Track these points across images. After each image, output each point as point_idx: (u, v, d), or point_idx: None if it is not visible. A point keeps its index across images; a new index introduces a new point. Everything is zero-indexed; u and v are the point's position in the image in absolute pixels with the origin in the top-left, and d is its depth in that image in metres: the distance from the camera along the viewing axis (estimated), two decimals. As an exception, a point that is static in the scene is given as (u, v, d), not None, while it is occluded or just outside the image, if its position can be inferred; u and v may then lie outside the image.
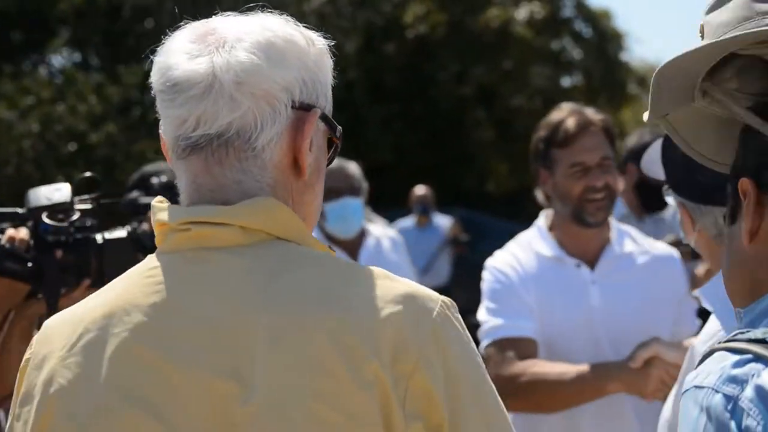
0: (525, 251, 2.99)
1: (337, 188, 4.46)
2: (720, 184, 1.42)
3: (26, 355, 1.42)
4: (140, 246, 2.88)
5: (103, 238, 2.84)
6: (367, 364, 1.26)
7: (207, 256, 1.35)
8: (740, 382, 1.18)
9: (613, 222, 3.09)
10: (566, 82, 19.88)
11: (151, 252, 2.80)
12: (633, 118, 21.78)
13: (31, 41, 18.20)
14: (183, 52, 1.37)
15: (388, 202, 16.97)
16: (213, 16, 1.44)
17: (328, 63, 1.46)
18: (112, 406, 1.31)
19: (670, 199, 2.28)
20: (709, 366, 1.24)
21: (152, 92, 1.41)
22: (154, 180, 3.16)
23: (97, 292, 1.43)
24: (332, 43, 1.47)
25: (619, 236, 3.05)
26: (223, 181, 1.36)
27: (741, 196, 1.32)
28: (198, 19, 1.44)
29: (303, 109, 1.38)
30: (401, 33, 17.35)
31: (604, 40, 18.98)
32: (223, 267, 1.34)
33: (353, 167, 4.72)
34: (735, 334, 1.26)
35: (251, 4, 1.47)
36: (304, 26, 1.45)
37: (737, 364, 1.20)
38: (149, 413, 1.30)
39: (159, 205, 1.41)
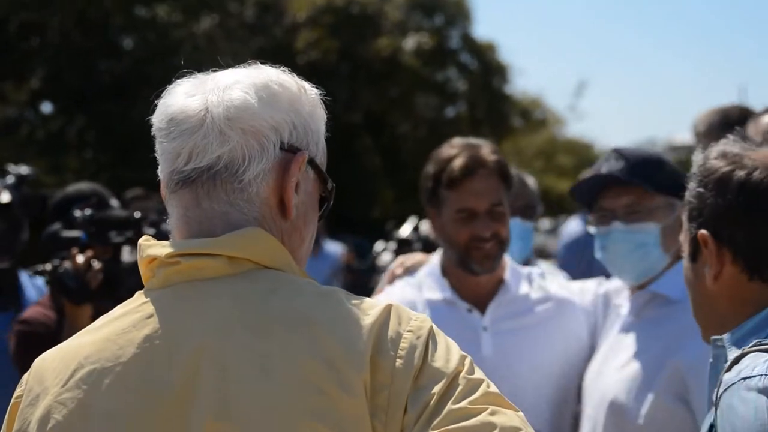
0: (414, 291, 2.75)
1: None
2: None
3: (17, 393, 1.44)
4: (62, 287, 2.83)
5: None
6: (356, 377, 1.30)
7: (195, 289, 1.39)
8: None
9: (509, 262, 2.81)
10: (451, 112, 20.29)
11: (75, 293, 2.80)
12: (514, 149, 22.38)
13: None
14: (182, 93, 1.45)
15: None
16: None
17: (322, 114, 1.52)
18: None
19: None
20: (749, 362, 1.47)
21: (152, 133, 1.46)
22: (77, 213, 3.01)
23: (87, 328, 1.46)
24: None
25: (513, 277, 2.76)
26: (210, 214, 1.40)
27: (702, 244, 1.63)
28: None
29: (291, 151, 1.43)
30: (292, 59, 17.51)
31: (489, 72, 19.48)
32: (211, 298, 1.37)
33: None
34: (758, 342, 1.51)
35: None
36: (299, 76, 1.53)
37: None
38: None
39: (146, 242, 1.44)
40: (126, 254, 2.96)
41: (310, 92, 1.50)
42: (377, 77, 18.01)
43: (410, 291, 2.76)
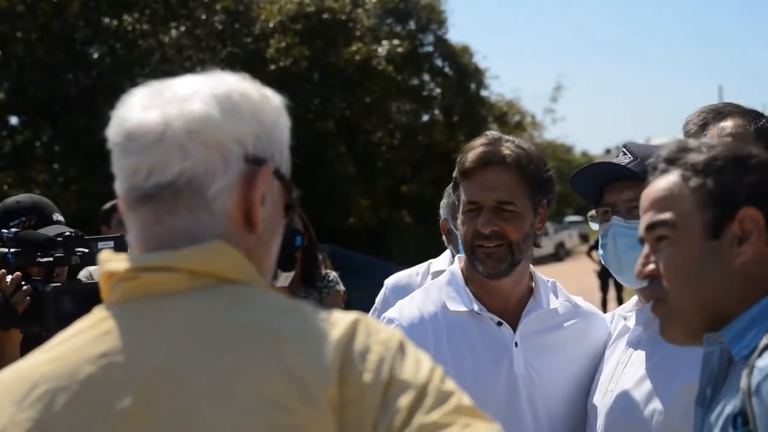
0: (435, 304, 2.54)
1: None
2: None
3: None
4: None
5: None
6: (322, 392, 1.28)
7: (154, 304, 1.35)
8: None
9: (537, 273, 2.63)
10: (426, 117, 20.18)
11: (3, 316, 2.62)
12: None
13: None
14: (138, 105, 1.37)
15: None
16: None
17: (285, 122, 1.45)
18: None
19: None
20: None
21: (108, 146, 1.38)
22: (4, 231, 2.84)
23: (44, 347, 1.40)
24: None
25: (542, 288, 2.58)
26: (171, 230, 1.35)
27: (737, 221, 1.66)
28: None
29: (255, 163, 1.37)
30: (263, 66, 17.30)
31: (464, 76, 19.37)
32: (170, 314, 1.34)
33: None
34: None
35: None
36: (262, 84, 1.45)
37: None
38: None
39: (106, 257, 1.39)
40: (63, 276, 2.79)
41: (272, 100, 1.44)
42: (350, 84, 17.85)
43: (430, 304, 2.54)
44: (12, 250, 2.76)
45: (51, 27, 16.47)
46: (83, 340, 1.36)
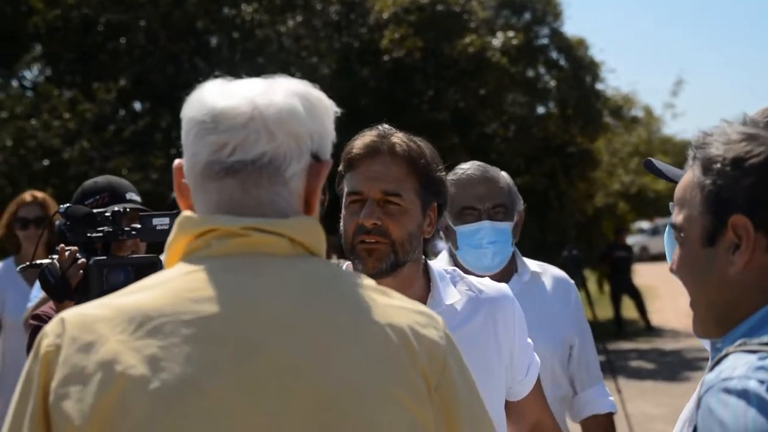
0: None
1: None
2: None
3: (47, 343, 1.44)
4: (44, 283, 2.76)
5: None
6: (420, 361, 1.46)
7: (267, 260, 1.48)
8: None
9: (434, 268, 2.49)
10: (541, 109, 19.95)
11: (54, 291, 2.74)
12: (607, 148, 21.91)
13: (3, 55, 18.04)
14: (220, 93, 1.53)
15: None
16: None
17: (333, 128, 1.61)
18: (197, 386, 1.37)
19: None
20: (730, 363, 1.45)
21: (184, 124, 1.54)
22: (61, 208, 2.91)
23: (131, 288, 1.49)
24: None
25: (441, 285, 2.44)
26: (260, 199, 1.50)
27: (731, 229, 1.57)
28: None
29: (316, 159, 1.56)
30: (377, 57, 17.35)
31: (579, 68, 19.07)
32: (287, 270, 1.48)
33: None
34: (744, 341, 1.50)
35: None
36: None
37: (761, 358, 1.43)
38: (235, 391, 1.38)
39: (193, 216, 1.51)
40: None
41: (333, 109, 1.60)
42: (464, 75, 17.75)
43: None
44: (67, 224, 2.84)
45: (172, 16, 16.81)
46: (194, 282, 1.45)
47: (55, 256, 2.78)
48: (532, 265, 3.48)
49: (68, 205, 2.91)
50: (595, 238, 20.54)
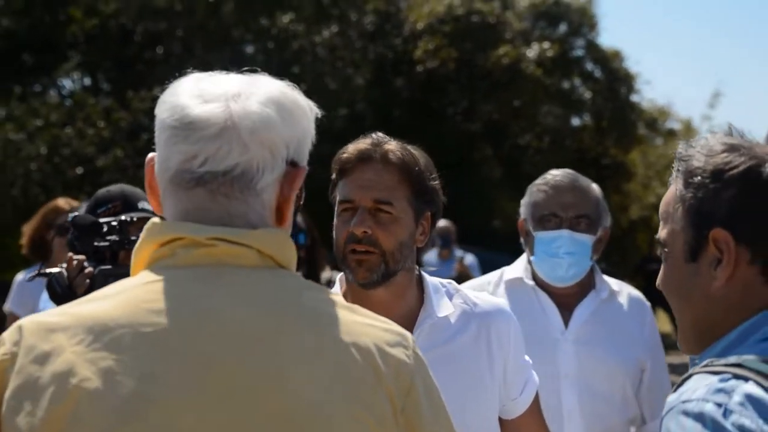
0: None
1: None
2: None
3: (5, 351, 1.40)
4: (51, 291, 2.75)
5: None
6: (385, 381, 1.43)
7: (232, 272, 1.45)
8: (728, 392, 1.37)
9: (428, 279, 2.43)
10: (576, 121, 19.86)
11: (61, 299, 2.74)
12: (642, 160, 21.76)
13: (41, 64, 18.23)
14: (196, 96, 1.48)
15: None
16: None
17: (313, 130, 1.57)
18: (154, 399, 1.35)
19: None
20: (692, 385, 1.42)
21: (156, 122, 1.50)
22: (69, 217, 2.93)
23: (93, 295, 1.46)
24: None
25: (434, 297, 2.39)
26: (231, 211, 1.47)
27: (713, 243, 1.53)
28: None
29: (293, 165, 1.51)
30: (411, 67, 17.36)
31: (615, 80, 18.98)
32: (251, 282, 1.45)
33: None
34: (710, 362, 1.46)
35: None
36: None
37: (721, 380, 1.40)
38: (190, 405, 1.35)
39: (161, 223, 1.48)
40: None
41: (313, 111, 1.57)
42: (497, 86, 17.70)
43: None
44: (75, 234, 2.86)
45: (207, 26, 16.91)
46: (154, 292, 1.41)
47: (65, 265, 2.78)
48: (612, 282, 3.31)
49: (76, 214, 2.90)
50: (630, 251, 20.39)
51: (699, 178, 1.56)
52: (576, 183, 3.21)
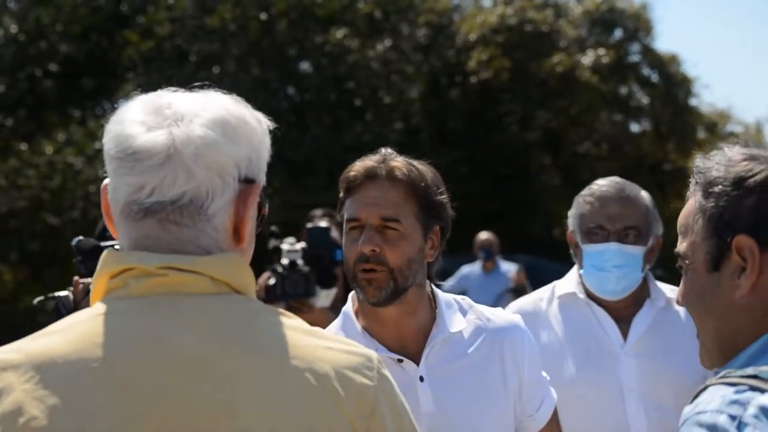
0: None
1: None
2: None
3: None
4: (57, 315, 2.69)
5: None
6: (344, 405, 1.42)
7: (184, 301, 1.43)
8: (743, 404, 1.36)
9: (441, 295, 2.42)
10: (635, 127, 19.65)
11: None
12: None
13: (100, 87, 18.49)
14: (140, 123, 1.46)
15: (452, 248, 16.81)
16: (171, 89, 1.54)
17: (268, 142, 1.56)
18: (93, 431, 1.34)
19: None
20: (707, 396, 1.42)
21: (104, 150, 1.49)
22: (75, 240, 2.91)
23: (46, 330, 1.45)
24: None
25: (446, 312, 2.38)
26: (181, 237, 1.46)
27: (736, 251, 1.51)
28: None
29: (247, 182, 1.50)
30: (465, 78, 17.30)
31: (672, 85, 18.74)
32: (202, 311, 1.43)
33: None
34: (727, 373, 1.45)
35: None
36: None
37: (737, 392, 1.38)
38: None
39: (115, 253, 1.48)
40: None
41: (262, 123, 1.55)
42: (553, 95, 17.58)
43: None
44: (79, 258, 2.85)
45: (261, 44, 17.03)
46: (104, 326, 1.41)
47: (72, 288, 2.78)
48: (666, 290, 3.17)
49: (80, 238, 2.93)
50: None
51: (720, 187, 1.55)
52: (623, 193, 3.09)
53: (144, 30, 17.61)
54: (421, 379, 2.28)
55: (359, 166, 2.30)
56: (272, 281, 3.93)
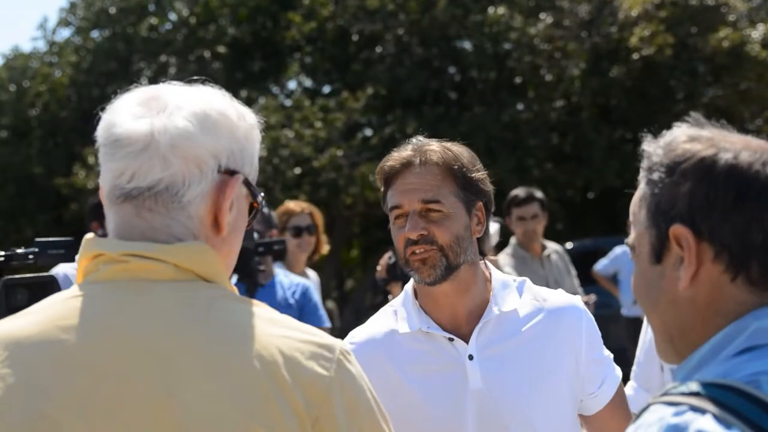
0: (392, 324, 2.42)
1: None
2: None
3: None
4: None
5: None
6: (291, 393, 1.45)
7: (144, 287, 1.50)
8: (681, 428, 1.27)
9: (497, 274, 2.46)
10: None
11: None
12: None
13: (266, 68, 18.97)
14: (128, 113, 1.55)
15: (615, 228, 16.55)
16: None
17: (257, 136, 1.64)
18: (48, 414, 1.41)
19: None
20: (647, 418, 1.33)
21: (96, 146, 1.58)
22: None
23: (20, 314, 1.53)
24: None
25: (501, 292, 2.41)
26: (153, 224, 1.53)
27: (674, 241, 1.44)
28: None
29: (228, 173, 1.56)
30: (627, 55, 16.94)
31: None
32: (160, 297, 1.49)
33: None
34: (668, 389, 1.36)
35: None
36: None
37: (676, 414, 1.29)
38: (87, 419, 1.41)
39: (92, 239, 1.56)
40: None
41: (247, 117, 1.62)
42: (720, 71, 17.00)
43: (383, 327, 2.43)
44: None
45: (421, 24, 17.11)
46: (69, 309, 1.49)
47: None
48: None
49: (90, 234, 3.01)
50: None
51: (657, 173, 1.47)
52: None
53: (307, 11, 17.95)
54: (471, 357, 2.33)
55: (395, 156, 2.36)
56: (392, 260, 4.07)
